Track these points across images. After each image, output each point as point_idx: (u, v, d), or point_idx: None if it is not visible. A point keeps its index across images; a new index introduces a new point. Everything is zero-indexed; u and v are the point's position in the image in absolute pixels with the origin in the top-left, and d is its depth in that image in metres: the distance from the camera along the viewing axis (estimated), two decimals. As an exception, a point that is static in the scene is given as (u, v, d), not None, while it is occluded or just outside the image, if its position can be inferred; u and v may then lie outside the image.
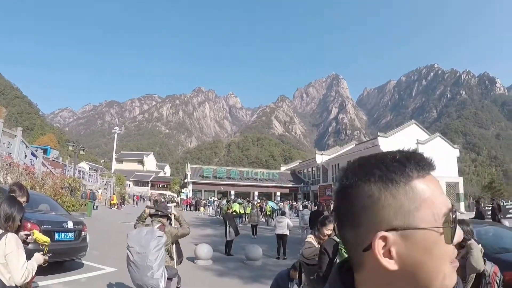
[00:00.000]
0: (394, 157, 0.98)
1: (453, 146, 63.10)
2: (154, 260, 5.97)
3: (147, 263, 5.97)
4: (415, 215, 0.90)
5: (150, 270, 5.97)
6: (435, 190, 0.94)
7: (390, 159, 0.98)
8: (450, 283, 0.92)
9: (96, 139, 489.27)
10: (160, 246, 6.09)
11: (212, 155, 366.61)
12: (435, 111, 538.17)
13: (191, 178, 77.27)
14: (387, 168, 0.96)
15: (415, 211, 0.91)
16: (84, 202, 33.78)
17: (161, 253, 6.10)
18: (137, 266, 6.07)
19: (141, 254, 6.02)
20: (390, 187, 0.93)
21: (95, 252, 14.51)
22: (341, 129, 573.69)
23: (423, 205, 0.91)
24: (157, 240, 6.09)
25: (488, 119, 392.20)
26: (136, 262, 6.06)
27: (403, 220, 0.91)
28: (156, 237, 6.12)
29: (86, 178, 54.80)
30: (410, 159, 0.98)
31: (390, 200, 0.92)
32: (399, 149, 1.03)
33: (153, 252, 5.98)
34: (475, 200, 35.10)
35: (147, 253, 5.98)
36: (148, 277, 6.02)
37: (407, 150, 1.03)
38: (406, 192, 0.92)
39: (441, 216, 0.91)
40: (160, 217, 7.10)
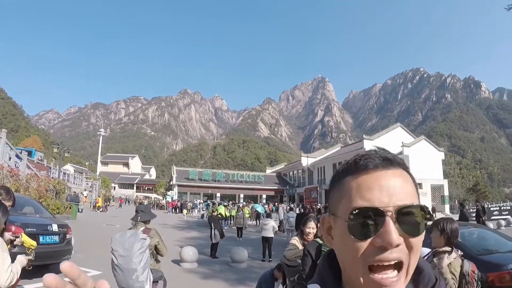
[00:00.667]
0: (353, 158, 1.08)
1: (438, 149, 63.51)
2: (138, 263, 5.91)
3: (131, 266, 5.91)
4: (338, 206, 1.03)
5: (135, 273, 5.92)
6: (360, 188, 0.99)
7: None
8: (369, 284, 0.95)
9: (81, 141, 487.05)
10: (144, 249, 6.03)
11: (197, 157, 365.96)
12: (421, 114, 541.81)
13: (177, 181, 77.05)
14: (341, 166, 1.11)
15: (339, 202, 1.03)
16: (69, 204, 33.61)
17: (145, 255, 6.04)
18: (122, 269, 6.01)
19: (125, 257, 5.95)
20: (334, 181, 1.09)
21: (80, 255, 14.51)
22: (327, 131, 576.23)
23: (344, 198, 1.01)
24: (141, 243, 6.03)
25: (473, 122, 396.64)
26: (121, 265, 6.00)
27: (334, 208, 1.05)
28: (139, 239, 6.07)
29: (71, 180, 54.51)
30: (354, 159, 1.06)
31: (332, 191, 1.09)
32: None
33: (137, 254, 5.93)
34: (460, 202, 35.44)
35: (131, 256, 5.92)
36: (133, 280, 5.96)
37: (365, 152, 1.08)
38: (339, 186, 1.05)
39: (349, 211, 0.97)
40: (145, 222, 7.02)
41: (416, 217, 0.96)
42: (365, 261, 0.94)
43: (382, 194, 0.96)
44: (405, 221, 0.95)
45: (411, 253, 0.96)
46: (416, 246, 0.97)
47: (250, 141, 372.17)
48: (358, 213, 0.96)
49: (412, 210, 0.96)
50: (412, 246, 0.96)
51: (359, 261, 0.95)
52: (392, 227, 0.92)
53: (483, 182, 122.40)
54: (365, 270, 0.94)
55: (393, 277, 0.93)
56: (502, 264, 6.66)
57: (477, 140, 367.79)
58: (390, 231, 0.92)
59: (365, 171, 1.01)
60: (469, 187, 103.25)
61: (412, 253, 0.96)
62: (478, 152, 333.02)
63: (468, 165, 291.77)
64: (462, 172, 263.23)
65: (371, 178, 1.00)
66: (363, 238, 0.94)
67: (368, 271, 0.94)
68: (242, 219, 26.48)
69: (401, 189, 0.98)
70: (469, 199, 76.19)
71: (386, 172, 1.00)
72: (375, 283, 0.93)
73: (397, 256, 0.93)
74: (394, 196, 0.96)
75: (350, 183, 1.02)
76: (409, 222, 0.95)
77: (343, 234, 0.99)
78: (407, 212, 0.95)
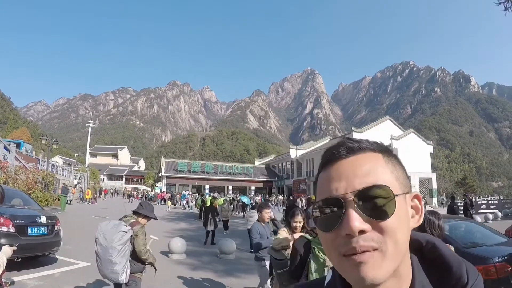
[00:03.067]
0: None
1: (427, 142, 63.90)
2: (116, 254, 5.97)
3: (108, 256, 5.98)
4: (316, 197, 1.01)
5: (110, 263, 5.99)
6: (324, 181, 0.99)
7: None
8: (350, 278, 0.92)
9: (70, 133, 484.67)
10: (122, 241, 6.05)
11: (186, 149, 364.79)
12: (410, 107, 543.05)
13: (166, 172, 76.92)
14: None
15: (316, 194, 1.02)
16: (57, 196, 33.52)
17: (124, 248, 6.08)
18: (100, 257, 6.10)
19: (104, 246, 6.02)
20: (315, 180, 1.08)
21: (69, 246, 14.50)
22: (316, 124, 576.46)
23: (318, 191, 1.01)
24: (121, 235, 6.06)
25: (462, 116, 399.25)
26: (99, 253, 6.09)
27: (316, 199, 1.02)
28: (119, 231, 6.10)
29: (60, 172, 54.26)
30: (322, 154, 1.06)
31: (315, 190, 1.06)
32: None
33: (114, 245, 5.98)
34: (451, 196, 35.65)
35: (109, 246, 5.99)
36: (108, 270, 6.05)
37: (331, 144, 1.07)
38: (316, 184, 1.04)
39: (318, 202, 0.97)
40: (136, 214, 6.82)
41: (381, 198, 0.90)
42: (338, 251, 0.91)
43: (340, 182, 0.94)
44: (369, 205, 0.90)
45: (385, 238, 0.88)
46: (390, 231, 0.89)
47: (239, 133, 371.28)
48: (320, 206, 0.96)
49: (375, 191, 0.91)
50: (384, 230, 0.89)
51: (333, 251, 0.93)
52: (353, 214, 0.89)
53: (471, 176, 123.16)
54: (340, 258, 0.91)
55: (365, 255, 0.88)
56: (488, 257, 6.76)
57: (466, 134, 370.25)
58: (350, 218, 0.88)
59: (329, 163, 1.00)
60: (457, 181, 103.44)
61: (387, 237, 0.88)
62: (466, 146, 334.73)
63: (456, 159, 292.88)
64: (450, 165, 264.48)
65: (333, 169, 0.98)
66: (328, 230, 0.92)
67: (344, 258, 0.90)
68: (228, 211, 26.51)
69: (361, 172, 0.94)
70: (457, 193, 76.53)
71: (347, 160, 0.98)
72: (352, 265, 0.88)
73: (365, 244, 0.87)
74: (354, 180, 0.93)
75: (319, 179, 1.02)
76: (374, 205, 0.90)
77: (317, 229, 0.98)
78: (369, 194, 0.90)
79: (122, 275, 6.09)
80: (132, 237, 6.32)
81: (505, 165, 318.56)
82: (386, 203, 0.89)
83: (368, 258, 0.87)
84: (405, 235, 0.93)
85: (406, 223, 0.94)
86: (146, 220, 6.83)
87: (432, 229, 4.53)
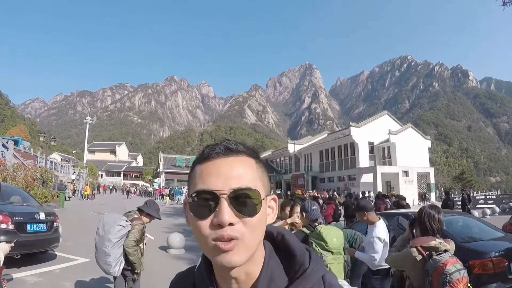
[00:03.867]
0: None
1: (425, 137, 63.93)
2: (110, 246, 6.05)
3: (103, 247, 6.07)
4: (189, 191, 1.12)
5: (104, 254, 6.07)
6: (202, 174, 1.09)
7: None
8: (214, 260, 1.06)
9: (68, 130, 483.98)
10: (119, 235, 6.14)
11: (184, 144, 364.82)
12: (408, 102, 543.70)
13: (164, 168, 77.07)
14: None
15: (189, 187, 1.13)
16: (56, 193, 33.57)
17: (120, 241, 6.16)
18: (97, 247, 6.20)
19: (101, 237, 6.12)
20: (190, 169, 1.19)
21: (68, 243, 14.56)
22: (314, 118, 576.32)
23: (192, 183, 1.12)
24: (118, 228, 6.15)
25: (460, 111, 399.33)
26: (96, 243, 6.19)
27: (188, 192, 1.14)
28: (118, 224, 6.18)
29: (58, 169, 54.24)
30: (202, 149, 1.17)
31: (189, 179, 1.16)
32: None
33: (111, 237, 6.06)
34: (445, 191, 35.68)
35: (105, 238, 6.07)
36: (102, 261, 6.14)
37: (212, 142, 1.19)
38: (191, 174, 1.15)
39: (190, 194, 1.09)
40: (140, 211, 6.76)
41: (251, 199, 1.04)
42: (207, 237, 1.03)
43: (218, 179, 1.05)
44: (240, 203, 1.03)
45: (247, 231, 1.03)
46: (253, 226, 1.04)
47: (237, 128, 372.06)
48: (197, 195, 1.06)
49: (246, 193, 1.04)
50: (249, 225, 1.04)
51: (203, 236, 1.04)
52: (226, 208, 1.01)
53: (469, 171, 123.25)
54: (209, 243, 1.03)
55: (230, 243, 1.01)
56: (485, 252, 6.75)
57: (464, 129, 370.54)
58: (223, 212, 1.00)
59: (208, 159, 1.11)
60: (455, 176, 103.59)
61: (249, 231, 1.03)
62: (464, 141, 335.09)
63: (454, 154, 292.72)
64: (448, 160, 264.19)
65: (212, 165, 1.09)
66: (202, 217, 1.04)
67: (212, 243, 1.02)
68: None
69: (238, 174, 1.07)
70: (455, 188, 76.75)
71: (226, 160, 1.10)
72: (219, 250, 1.01)
73: (231, 234, 1.01)
74: (230, 180, 1.05)
75: (197, 170, 1.12)
76: (243, 203, 1.04)
77: (188, 214, 1.09)
78: (241, 195, 1.03)
79: (114, 267, 6.16)
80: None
81: (503, 160, 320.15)
82: (254, 203, 1.05)
83: (233, 246, 1.01)
84: (262, 229, 1.10)
85: (264, 220, 1.11)
86: (149, 218, 6.77)
87: (432, 223, 4.45)
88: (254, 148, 1.21)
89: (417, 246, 4.34)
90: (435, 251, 4.18)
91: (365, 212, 6.40)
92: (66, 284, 9.38)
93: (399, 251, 4.89)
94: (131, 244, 6.23)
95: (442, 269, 3.99)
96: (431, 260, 4.14)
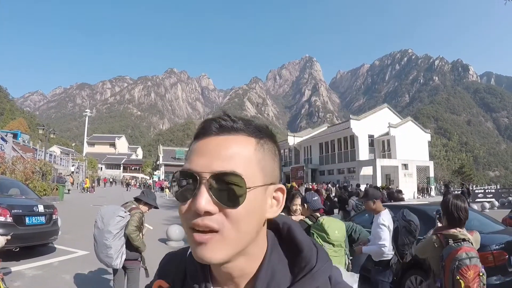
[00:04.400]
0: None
1: (425, 130, 63.88)
2: (111, 238, 6.00)
3: (103, 240, 6.01)
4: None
5: (105, 246, 6.02)
6: (191, 152, 0.98)
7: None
8: (192, 250, 0.93)
9: (67, 123, 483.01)
10: (119, 226, 6.10)
11: (184, 137, 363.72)
12: (408, 95, 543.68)
13: (163, 160, 76.97)
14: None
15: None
16: (55, 186, 33.57)
17: (120, 232, 6.13)
18: (96, 241, 6.15)
19: (100, 229, 6.07)
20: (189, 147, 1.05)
21: (67, 236, 14.60)
22: (314, 111, 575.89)
23: (185, 160, 1.00)
24: (118, 219, 6.10)
25: (460, 105, 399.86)
26: (96, 236, 6.15)
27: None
28: (117, 215, 6.13)
29: (58, 162, 54.27)
30: (199, 125, 1.03)
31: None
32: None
33: (110, 229, 6.01)
34: (445, 184, 35.72)
35: (105, 230, 6.02)
36: (103, 254, 6.09)
37: (209, 117, 1.04)
38: (187, 151, 1.02)
39: (177, 172, 0.98)
40: (137, 201, 6.81)
41: (235, 186, 0.88)
42: (186, 222, 0.92)
43: (202, 158, 0.93)
44: (221, 189, 0.89)
45: (229, 224, 0.89)
46: (236, 220, 0.89)
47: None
48: (178, 175, 0.97)
49: (230, 178, 0.89)
50: (230, 217, 0.89)
51: (184, 222, 0.93)
52: (203, 194, 0.88)
53: (469, 165, 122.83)
54: (188, 230, 0.92)
55: (206, 236, 0.88)
56: (485, 245, 6.68)
57: (464, 123, 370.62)
58: (199, 197, 0.88)
59: (202, 136, 0.99)
60: (455, 170, 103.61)
61: (231, 224, 0.89)
62: (464, 135, 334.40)
63: (454, 148, 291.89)
64: (448, 154, 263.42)
65: (202, 143, 0.97)
66: (182, 201, 0.93)
67: (191, 230, 0.90)
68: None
69: (226, 155, 0.92)
70: (454, 181, 76.87)
71: (217, 138, 0.96)
72: (193, 240, 0.90)
73: (207, 223, 0.88)
74: (215, 161, 0.91)
75: (191, 147, 1.00)
76: (226, 190, 0.89)
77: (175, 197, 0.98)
78: (224, 180, 0.89)
79: (116, 259, 6.11)
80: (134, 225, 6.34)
81: (503, 154, 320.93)
82: (238, 192, 0.88)
83: (208, 239, 0.88)
84: (252, 225, 0.93)
85: (257, 214, 0.94)
86: (147, 207, 6.81)
87: (460, 212, 4.51)
88: (260, 126, 1.07)
89: (437, 234, 4.52)
90: (453, 239, 4.30)
91: (374, 200, 6.42)
92: (65, 277, 9.37)
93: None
94: (132, 229, 6.26)
95: (454, 255, 4.14)
96: (448, 246, 4.29)
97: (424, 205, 9.68)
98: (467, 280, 4.01)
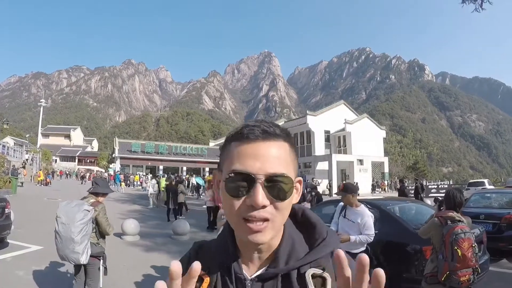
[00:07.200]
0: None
1: (380, 127, 65.15)
2: (77, 233, 5.99)
3: (70, 235, 5.98)
4: (223, 165, 1.20)
5: (72, 243, 6.01)
6: (240, 154, 1.14)
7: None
8: (241, 236, 1.16)
9: (22, 113, 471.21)
10: (85, 220, 6.10)
11: (140, 129, 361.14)
12: (364, 93, 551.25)
13: (119, 153, 75.96)
14: (231, 131, 1.25)
15: (224, 162, 1.20)
16: (8, 179, 32.97)
17: (86, 227, 6.12)
18: (61, 237, 6.09)
19: (66, 225, 6.02)
20: (225, 143, 1.23)
21: (20, 230, 14.38)
22: (271, 106, 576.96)
23: (227, 160, 1.17)
24: (83, 214, 6.10)
25: (415, 103, 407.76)
26: (61, 233, 6.08)
27: (221, 166, 1.22)
28: (82, 210, 6.13)
29: (11, 153, 53.18)
30: (240, 128, 1.20)
31: (222, 152, 1.23)
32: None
33: (77, 224, 6.00)
34: (399, 179, 36.48)
35: (71, 225, 5.99)
36: (69, 250, 6.07)
37: (252, 122, 1.21)
38: (226, 149, 1.21)
39: (228, 172, 1.14)
40: (95, 194, 6.93)
41: (283, 185, 1.10)
42: (239, 215, 1.10)
43: (256, 162, 1.10)
44: (273, 187, 1.09)
45: (277, 213, 1.11)
46: (282, 209, 1.12)
47: (194, 114, 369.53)
48: (234, 175, 1.11)
49: (280, 178, 1.10)
50: (278, 208, 1.11)
51: (235, 214, 1.11)
52: (260, 191, 1.07)
53: (423, 161, 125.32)
54: (240, 220, 1.11)
55: (262, 225, 1.09)
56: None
57: (418, 120, 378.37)
58: (257, 194, 1.06)
59: (247, 140, 1.14)
60: (409, 165, 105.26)
61: (278, 213, 1.11)
62: (418, 132, 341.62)
63: (408, 144, 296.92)
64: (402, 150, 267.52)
65: (250, 147, 1.13)
66: (236, 196, 1.10)
67: (243, 221, 1.10)
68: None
69: (274, 159, 1.12)
70: (408, 177, 78.32)
71: (264, 143, 1.14)
72: (249, 229, 1.09)
73: (263, 215, 1.08)
74: (267, 164, 1.10)
75: (234, 148, 1.16)
76: (277, 188, 1.10)
77: (223, 190, 1.15)
78: (276, 180, 1.09)
79: (82, 255, 6.13)
80: (94, 218, 6.43)
81: (455, 152, 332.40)
82: (286, 188, 1.11)
83: (263, 228, 1.09)
84: (289, 210, 1.19)
85: (292, 202, 1.18)
86: (104, 197, 7.03)
87: (456, 199, 5.76)
88: (288, 132, 1.25)
89: (439, 216, 5.71)
90: (451, 220, 5.49)
91: (353, 194, 6.70)
92: (19, 273, 9.28)
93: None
94: (108, 227, 6.83)
95: (452, 231, 5.30)
96: (447, 225, 5.46)
97: (379, 200, 10.05)
98: (463, 249, 5.14)
